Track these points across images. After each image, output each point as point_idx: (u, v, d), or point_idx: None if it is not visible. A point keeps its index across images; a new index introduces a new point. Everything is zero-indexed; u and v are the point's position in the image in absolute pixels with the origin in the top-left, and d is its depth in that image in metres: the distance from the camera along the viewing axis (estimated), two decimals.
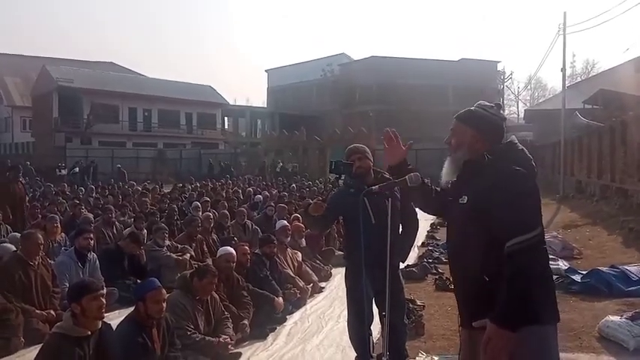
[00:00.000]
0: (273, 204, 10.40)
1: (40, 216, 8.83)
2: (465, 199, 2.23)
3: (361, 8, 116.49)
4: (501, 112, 2.32)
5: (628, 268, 6.48)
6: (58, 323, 3.40)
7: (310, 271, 6.91)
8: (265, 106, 56.50)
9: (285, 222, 7.21)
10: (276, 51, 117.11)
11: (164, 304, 3.71)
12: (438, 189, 2.59)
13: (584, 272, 6.61)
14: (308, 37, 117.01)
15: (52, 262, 5.76)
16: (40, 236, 5.40)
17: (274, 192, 14.80)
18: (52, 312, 5.03)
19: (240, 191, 15.42)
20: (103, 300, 3.33)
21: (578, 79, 48.70)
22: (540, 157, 28.75)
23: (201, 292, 4.44)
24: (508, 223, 2.05)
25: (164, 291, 3.76)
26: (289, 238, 7.00)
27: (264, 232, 8.08)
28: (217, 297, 4.71)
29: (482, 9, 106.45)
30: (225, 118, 53.41)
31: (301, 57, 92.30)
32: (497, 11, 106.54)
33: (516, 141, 2.29)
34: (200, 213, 8.90)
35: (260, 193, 13.86)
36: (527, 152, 2.26)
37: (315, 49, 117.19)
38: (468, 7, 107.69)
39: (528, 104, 57.84)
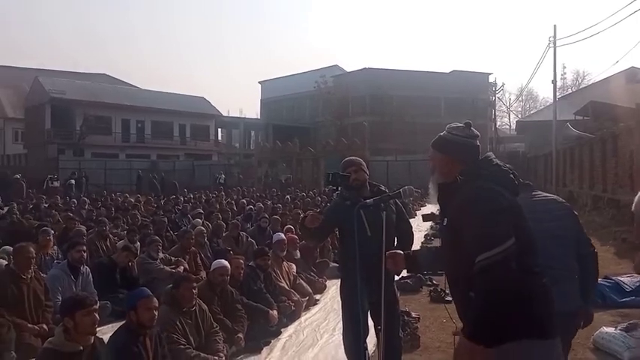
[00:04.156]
0: (267, 215, 10.36)
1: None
2: (445, 220, 2.32)
3: (354, 20, 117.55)
4: (471, 130, 2.35)
5: (621, 279, 6.49)
6: (50, 338, 3.36)
7: (305, 284, 6.87)
8: (259, 117, 56.57)
9: (282, 235, 7.14)
10: (270, 63, 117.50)
11: (155, 312, 3.67)
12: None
13: None
14: (301, 49, 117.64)
15: (45, 275, 5.70)
16: (32, 249, 5.34)
17: (268, 203, 14.76)
18: (45, 326, 4.96)
19: (234, 202, 15.38)
20: (97, 315, 3.29)
21: (569, 91, 49.21)
22: (532, 167, 28.94)
23: (184, 301, 4.39)
24: (475, 240, 2.10)
25: (155, 299, 3.71)
26: (285, 252, 6.97)
27: (258, 244, 8.04)
28: (206, 308, 4.66)
29: (474, 21, 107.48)
30: (219, 130, 53.45)
31: (295, 69, 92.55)
32: (488, 23, 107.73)
33: (492, 157, 2.33)
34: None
35: (254, 205, 13.83)
36: (502, 167, 2.28)
37: (308, 61, 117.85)
38: (459, 19, 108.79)
39: (520, 115, 58.32)
